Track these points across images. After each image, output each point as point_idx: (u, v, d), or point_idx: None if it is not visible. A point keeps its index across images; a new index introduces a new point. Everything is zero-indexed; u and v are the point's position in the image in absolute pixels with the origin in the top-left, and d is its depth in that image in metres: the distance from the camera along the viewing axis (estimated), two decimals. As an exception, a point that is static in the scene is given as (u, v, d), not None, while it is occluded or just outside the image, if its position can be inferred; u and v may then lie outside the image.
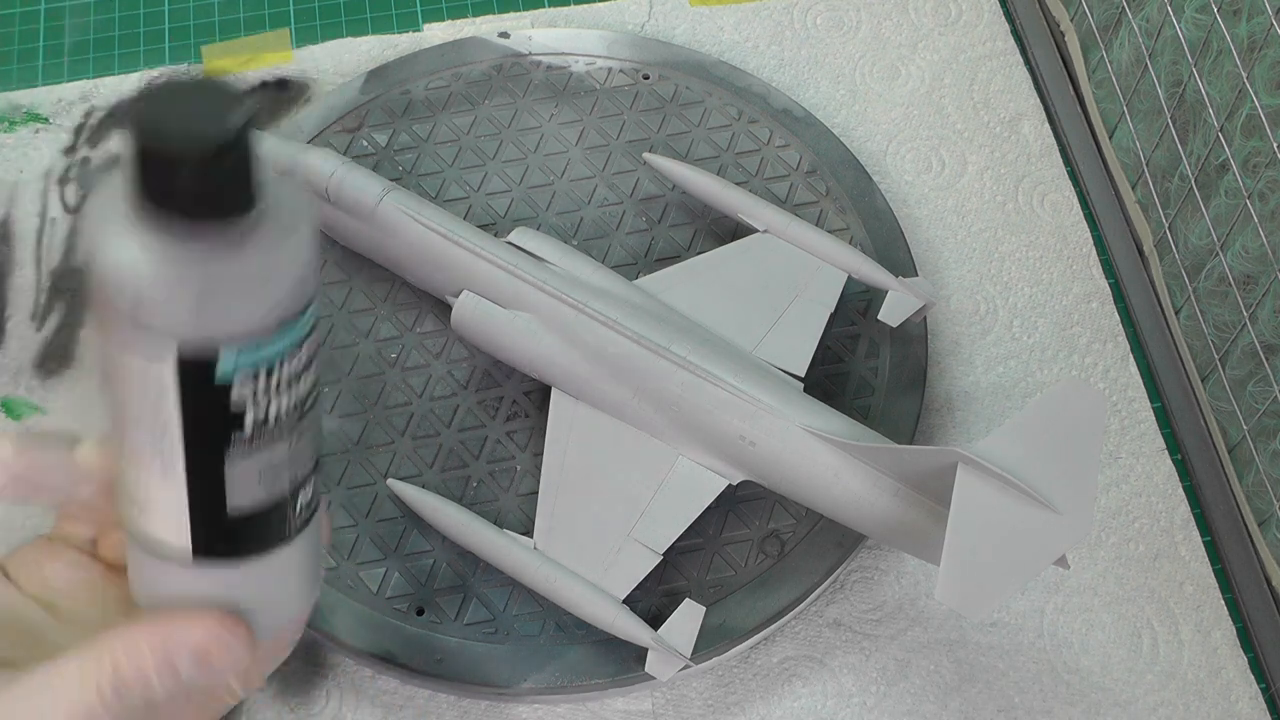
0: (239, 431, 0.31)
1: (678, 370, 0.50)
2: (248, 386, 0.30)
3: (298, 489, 0.33)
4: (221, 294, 0.28)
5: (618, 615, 0.47)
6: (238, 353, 0.29)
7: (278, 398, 0.31)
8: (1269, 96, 0.50)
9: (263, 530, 0.34)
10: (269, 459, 0.32)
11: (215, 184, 0.27)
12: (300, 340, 0.31)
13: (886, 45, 0.68)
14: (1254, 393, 0.54)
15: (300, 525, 0.34)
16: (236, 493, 0.32)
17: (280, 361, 0.31)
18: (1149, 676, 0.52)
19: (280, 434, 0.32)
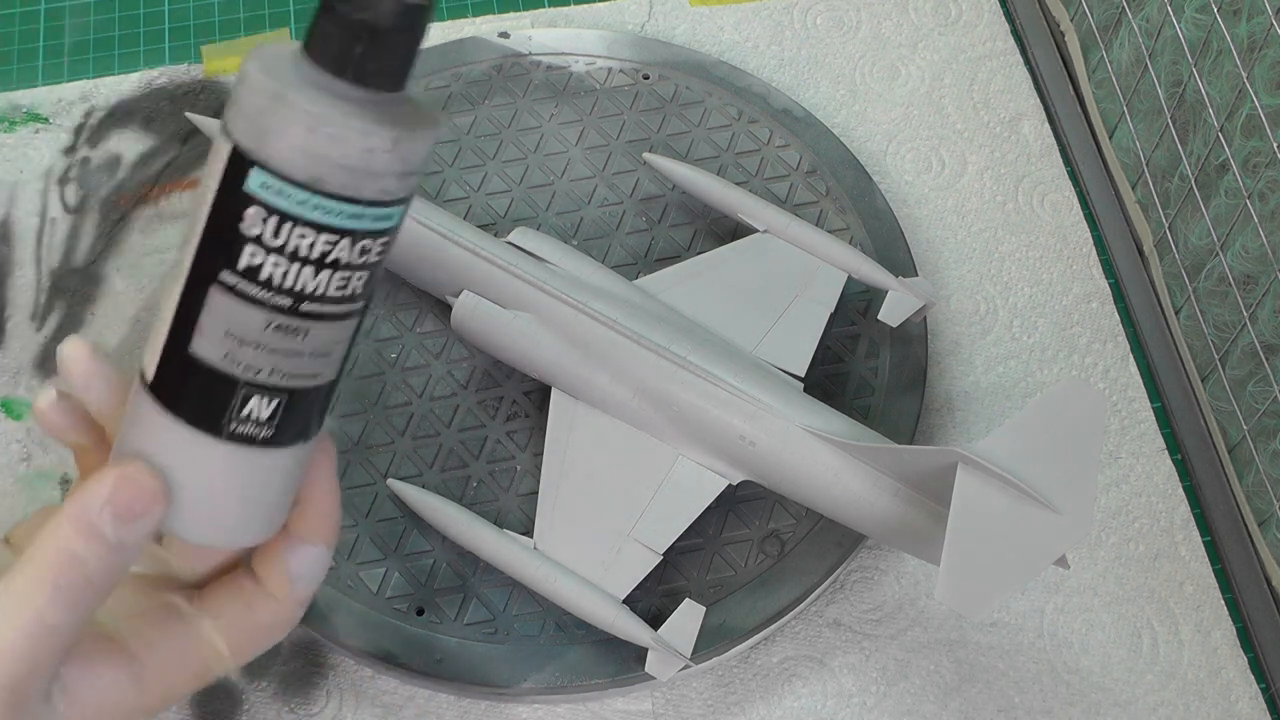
0: (234, 261, 0.32)
1: (678, 370, 0.50)
2: (261, 218, 0.32)
3: (253, 388, 0.34)
4: (282, 117, 0.31)
5: (618, 615, 0.47)
6: (267, 175, 0.32)
7: (279, 260, 0.32)
8: (1269, 96, 0.50)
9: (202, 395, 0.34)
10: (243, 322, 0.33)
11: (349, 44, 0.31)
12: (323, 226, 0.32)
13: (886, 45, 0.68)
14: (1254, 393, 0.54)
15: (234, 432, 0.34)
16: (204, 335, 0.33)
17: (296, 222, 0.32)
18: (1149, 676, 0.52)
19: (264, 302, 0.33)
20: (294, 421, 0.35)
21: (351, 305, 0.34)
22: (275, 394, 0.34)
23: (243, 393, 0.34)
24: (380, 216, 0.33)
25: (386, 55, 0.32)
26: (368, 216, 0.33)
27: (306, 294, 0.33)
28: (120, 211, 0.62)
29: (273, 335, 0.33)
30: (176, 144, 0.64)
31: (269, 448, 0.35)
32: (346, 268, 0.33)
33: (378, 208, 0.33)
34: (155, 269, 0.60)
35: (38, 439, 0.56)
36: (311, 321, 0.34)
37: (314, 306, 0.33)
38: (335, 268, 0.33)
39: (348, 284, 0.34)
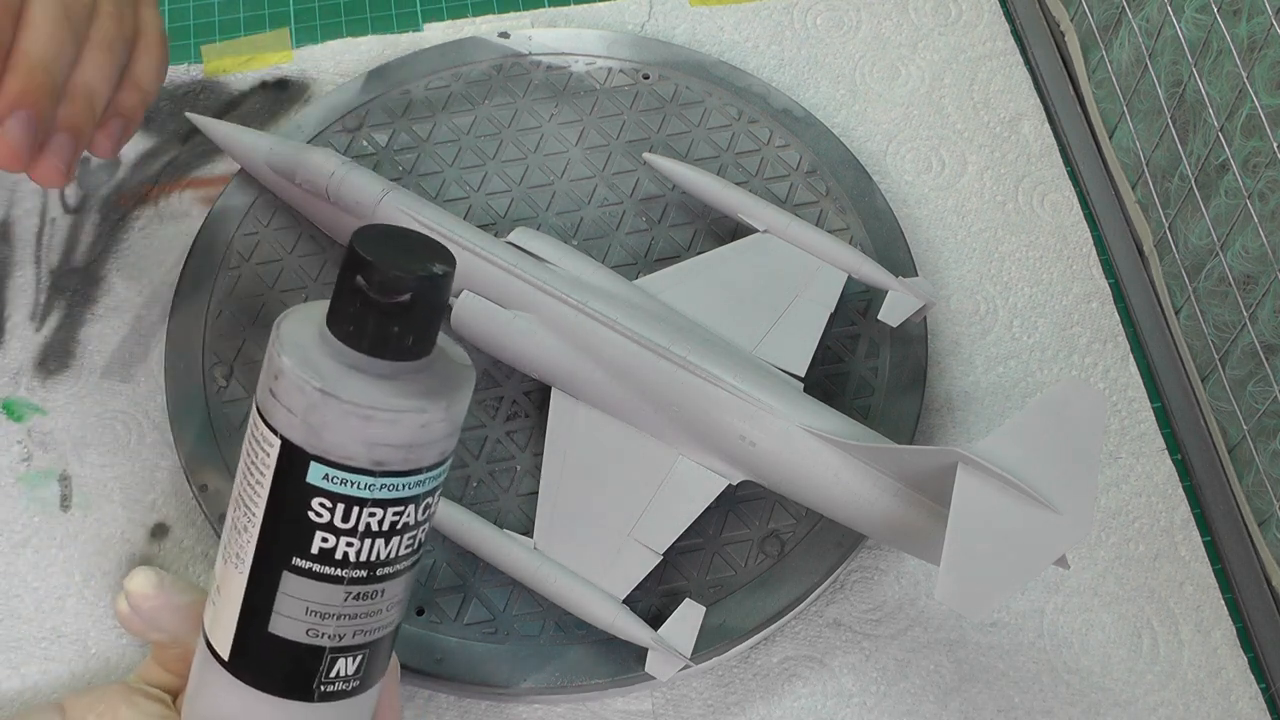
0: (306, 548, 0.33)
1: (678, 370, 0.50)
2: (327, 507, 0.32)
3: (338, 652, 0.34)
4: (333, 412, 0.31)
5: (618, 615, 0.48)
6: (329, 468, 0.32)
7: (352, 540, 0.33)
8: (1269, 96, 0.50)
9: (290, 671, 0.34)
10: (322, 599, 0.33)
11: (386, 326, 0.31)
12: (390, 501, 0.32)
13: (886, 45, 0.68)
14: (1254, 393, 0.54)
15: (326, 692, 0.35)
16: (283, 614, 0.34)
17: (363, 505, 0.32)
18: (1149, 676, 0.52)
19: (342, 579, 0.33)
20: (375, 667, 0.36)
21: (416, 556, 0.35)
22: (359, 651, 0.35)
23: (329, 659, 0.34)
24: (437, 475, 0.34)
25: (419, 327, 0.32)
26: (430, 479, 0.33)
27: (381, 561, 0.33)
28: (120, 211, 0.62)
29: (353, 604, 0.34)
30: (177, 144, 0.64)
31: (354, 697, 0.35)
32: (413, 527, 0.34)
33: (437, 469, 0.34)
34: (155, 269, 0.60)
35: (38, 439, 0.56)
36: (386, 582, 0.34)
37: (388, 569, 0.34)
38: (404, 531, 0.34)
39: (414, 541, 0.34)
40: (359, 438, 0.31)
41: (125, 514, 0.54)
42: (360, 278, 0.31)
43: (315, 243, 0.59)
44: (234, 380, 0.55)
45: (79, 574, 0.53)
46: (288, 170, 0.56)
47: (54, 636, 0.52)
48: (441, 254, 0.33)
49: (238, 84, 0.66)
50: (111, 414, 0.56)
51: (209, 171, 0.63)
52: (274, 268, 0.58)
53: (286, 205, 0.59)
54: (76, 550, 0.54)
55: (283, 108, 0.65)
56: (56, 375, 0.57)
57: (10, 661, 0.51)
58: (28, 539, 0.54)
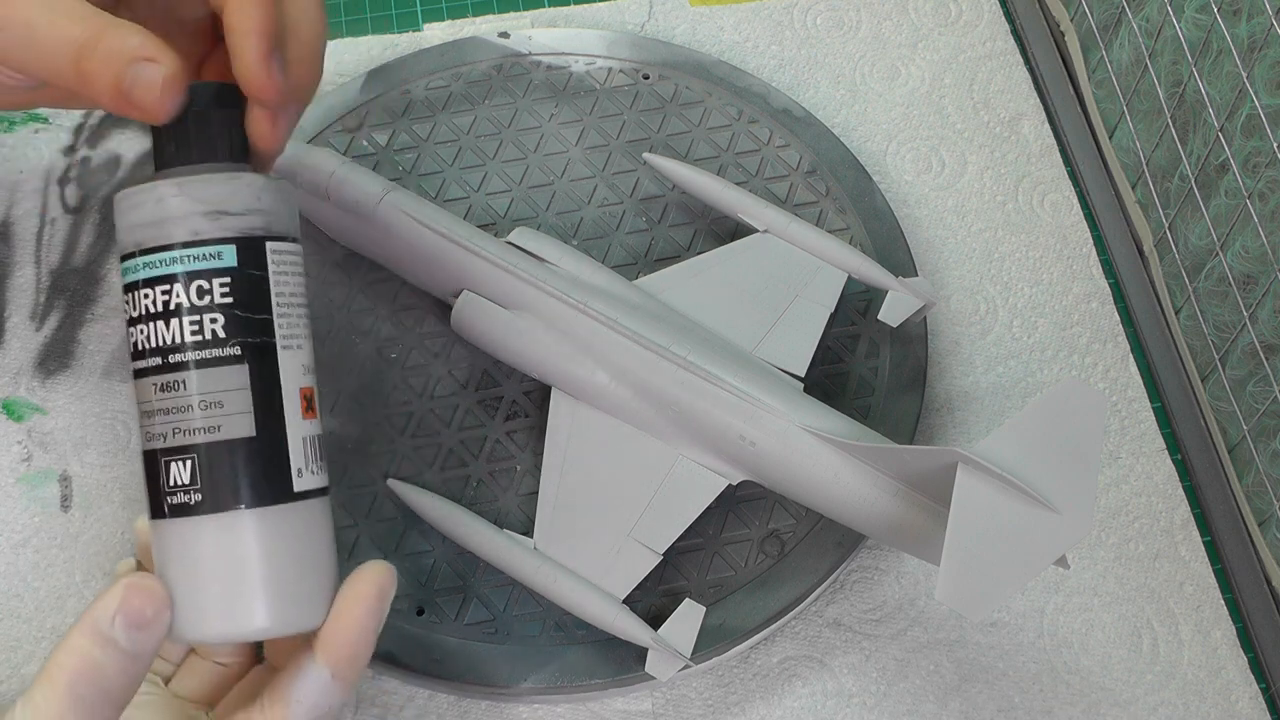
0: (131, 349, 0.37)
1: (678, 370, 0.50)
2: (128, 302, 0.37)
3: (168, 454, 0.36)
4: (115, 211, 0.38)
5: (618, 615, 0.48)
6: (124, 262, 0.37)
7: (143, 325, 0.37)
8: (1269, 96, 0.50)
9: (151, 485, 0.37)
10: (143, 397, 0.37)
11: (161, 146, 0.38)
12: (154, 280, 0.36)
13: (886, 45, 0.68)
14: (1254, 393, 0.54)
15: (173, 505, 0.36)
16: (140, 428, 0.37)
17: (138, 286, 0.37)
18: (1149, 676, 0.52)
19: (145, 370, 0.37)
20: (219, 481, 0.36)
21: (219, 350, 0.36)
22: (185, 453, 0.36)
23: (163, 462, 0.36)
24: (202, 255, 0.36)
25: (197, 136, 0.38)
26: (188, 258, 0.36)
27: (166, 346, 0.36)
28: (120, 211, 0.62)
29: (161, 397, 0.36)
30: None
31: (207, 514, 0.36)
32: (193, 310, 0.36)
33: (196, 247, 0.36)
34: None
35: (38, 439, 0.56)
36: (184, 372, 0.36)
37: (179, 356, 0.36)
38: (180, 313, 0.36)
39: (200, 327, 0.36)
40: (125, 226, 0.37)
41: (125, 514, 0.54)
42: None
43: (315, 243, 0.59)
44: (234, 380, 0.55)
45: (79, 574, 0.53)
46: (288, 170, 0.56)
47: (54, 636, 0.52)
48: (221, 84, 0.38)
49: (238, 84, 0.66)
50: (111, 414, 0.56)
51: (209, 171, 0.63)
52: (274, 268, 0.58)
53: (286, 205, 0.59)
54: (76, 550, 0.54)
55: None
56: (56, 375, 0.57)
57: (10, 661, 0.51)
58: (28, 539, 0.54)
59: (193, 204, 0.36)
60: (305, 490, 0.38)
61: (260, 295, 0.37)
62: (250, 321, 0.37)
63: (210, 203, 0.36)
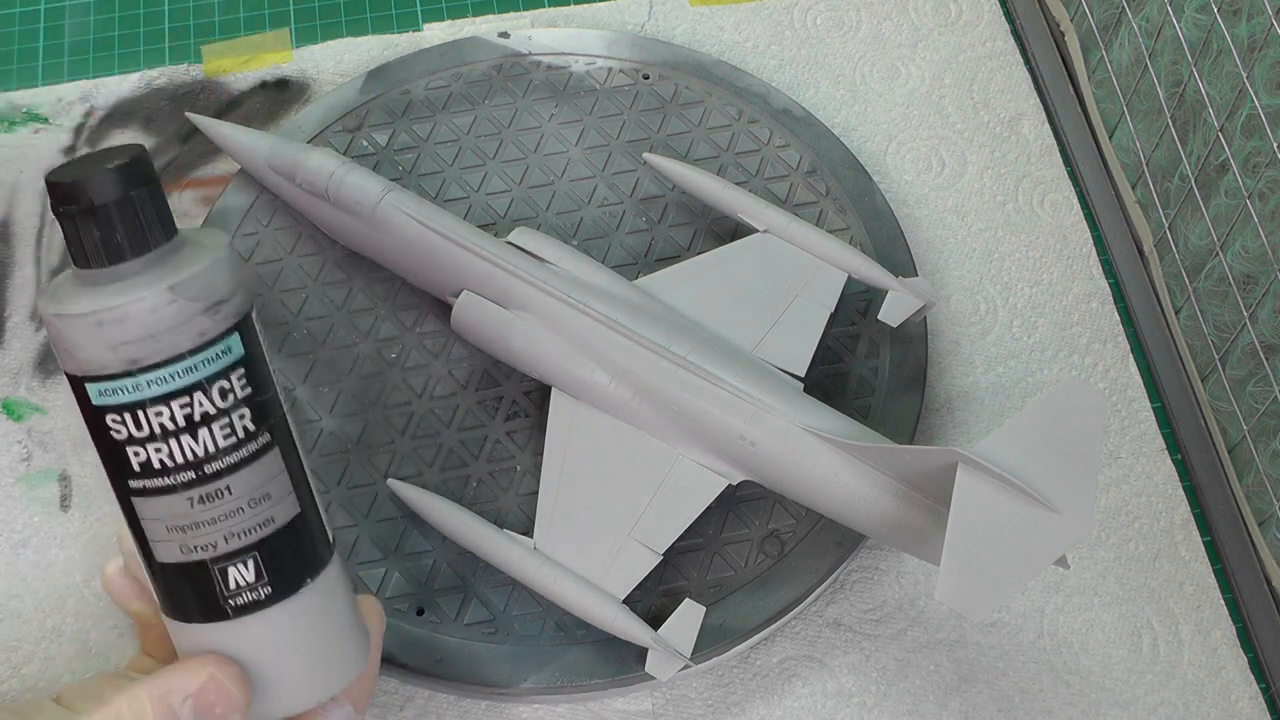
0: (129, 468, 0.34)
1: (678, 370, 0.50)
2: (119, 421, 0.33)
3: (222, 561, 0.35)
4: (72, 330, 0.33)
5: (618, 615, 0.48)
6: (98, 384, 0.33)
7: (158, 444, 0.33)
8: (1269, 96, 0.50)
9: (195, 595, 0.35)
10: (172, 512, 0.34)
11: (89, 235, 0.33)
12: (168, 395, 0.33)
13: (886, 45, 0.68)
14: (1254, 393, 0.54)
15: (239, 605, 0.35)
16: (156, 541, 0.35)
17: (143, 406, 0.33)
18: (1149, 676, 0.52)
19: (173, 486, 0.34)
20: (284, 567, 0.36)
21: (254, 444, 0.35)
22: (245, 555, 0.35)
23: (218, 570, 0.35)
24: (215, 356, 0.34)
25: (117, 225, 0.33)
26: (202, 362, 0.34)
27: (201, 458, 0.34)
28: (120, 211, 0.62)
29: (202, 509, 0.34)
30: (177, 144, 0.64)
31: (279, 602, 0.35)
32: (220, 414, 0.34)
33: (205, 350, 0.34)
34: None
35: (38, 439, 0.56)
36: (225, 478, 0.34)
37: (216, 465, 0.34)
38: (207, 421, 0.34)
39: (232, 428, 0.34)
40: (102, 345, 0.33)
41: (125, 514, 0.54)
42: (52, 199, 0.33)
43: (315, 243, 0.59)
44: (234, 380, 0.55)
45: (79, 574, 0.53)
46: (288, 170, 0.56)
47: (54, 636, 0.52)
48: (122, 153, 0.34)
49: (238, 84, 0.66)
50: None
51: (209, 171, 0.63)
52: (274, 268, 0.58)
53: (286, 205, 0.59)
54: (76, 550, 0.54)
55: (283, 108, 0.65)
56: (56, 375, 0.57)
57: (10, 661, 0.51)
58: (28, 539, 0.54)
59: (191, 305, 0.33)
60: (334, 539, 0.38)
61: (265, 372, 0.35)
62: (267, 403, 0.35)
63: (207, 297, 0.34)
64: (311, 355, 0.56)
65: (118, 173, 0.33)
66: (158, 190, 0.34)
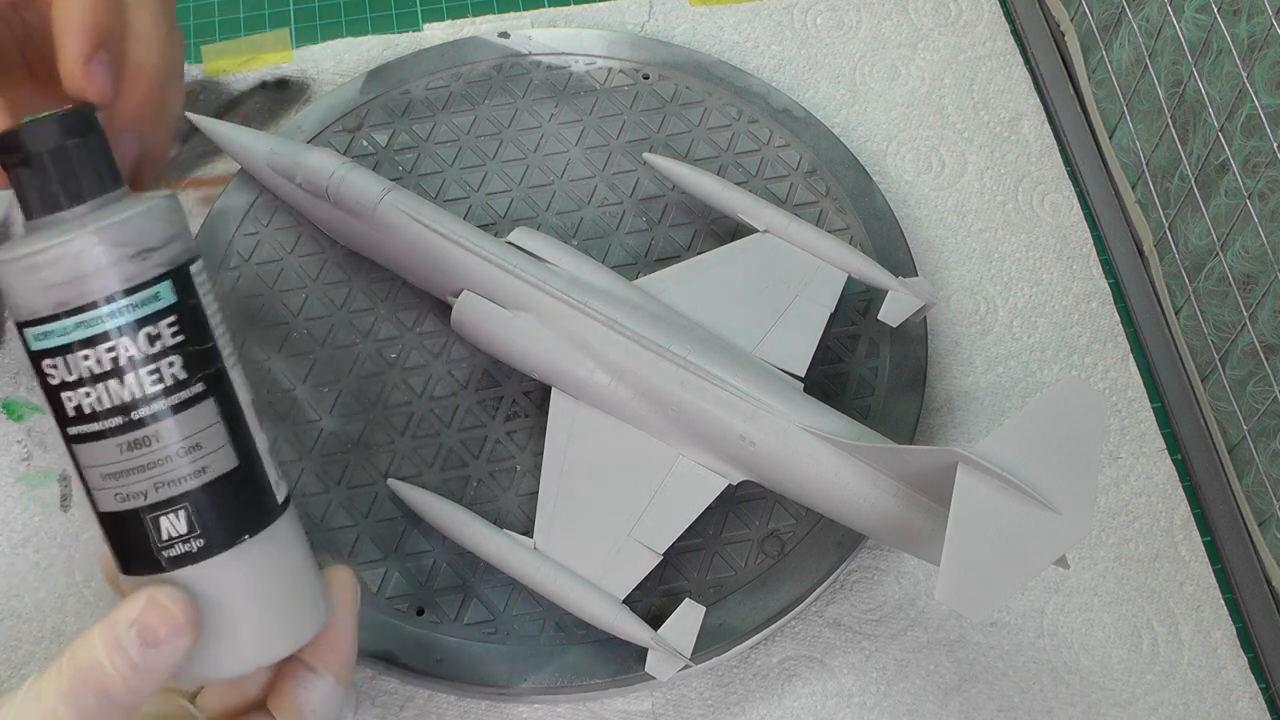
0: (65, 414, 0.34)
1: (678, 370, 0.50)
2: (54, 366, 0.34)
3: (154, 510, 0.35)
4: (9, 274, 0.34)
5: (618, 615, 0.48)
6: (33, 328, 0.34)
7: (87, 389, 0.34)
8: (1269, 96, 0.50)
9: (133, 547, 0.35)
10: (104, 459, 0.34)
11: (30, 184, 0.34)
12: (93, 339, 0.33)
13: (886, 45, 0.68)
14: (1254, 393, 0.54)
15: (172, 557, 0.35)
16: (95, 490, 0.35)
17: (72, 348, 0.34)
18: (1149, 676, 0.52)
19: (103, 431, 0.34)
20: (219, 521, 0.35)
21: (184, 392, 0.35)
22: (175, 505, 0.35)
23: (150, 520, 0.35)
24: (142, 301, 0.34)
25: (58, 173, 0.34)
26: (128, 307, 0.34)
27: (127, 403, 0.34)
28: (120, 211, 0.62)
29: (133, 455, 0.34)
30: (177, 144, 0.64)
31: (214, 556, 0.35)
32: (147, 360, 0.34)
33: (136, 293, 0.34)
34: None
35: (38, 439, 0.56)
36: (154, 425, 0.34)
37: (144, 410, 0.34)
38: (134, 367, 0.34)
39: (161, 375, 0.34)
40: (35, 287, 0.33)
41: (125, 514, 0.54)
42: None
43: (315, 243, 0.59)
44: (234, 380, 0.55)
45: (79, 574, 0.53)
46: (288, 170, 0.56)
47: (54, 636, 0.52)
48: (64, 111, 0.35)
49: (238, 84, 0.66)
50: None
51: (209, 171, 0.63)
52: (274, 268, 0.58)
53: (286, 205, 0.59)
54: (76, 550, 0.54)
55: (283, 108, 0.65)
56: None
57: (10, 661, 0.51)
58: (28, 539, 0.54)
59: (118, 249, 0.33)
60: (284, 500, 0.37)
61: (201, 323, 0.35)
62: (203, 353, 0.35)
63: (136, 243, 0.34)
64: (311, 355, 0.56)
65: (53, 122, 0.34)
66: (97, 142, 0.35)
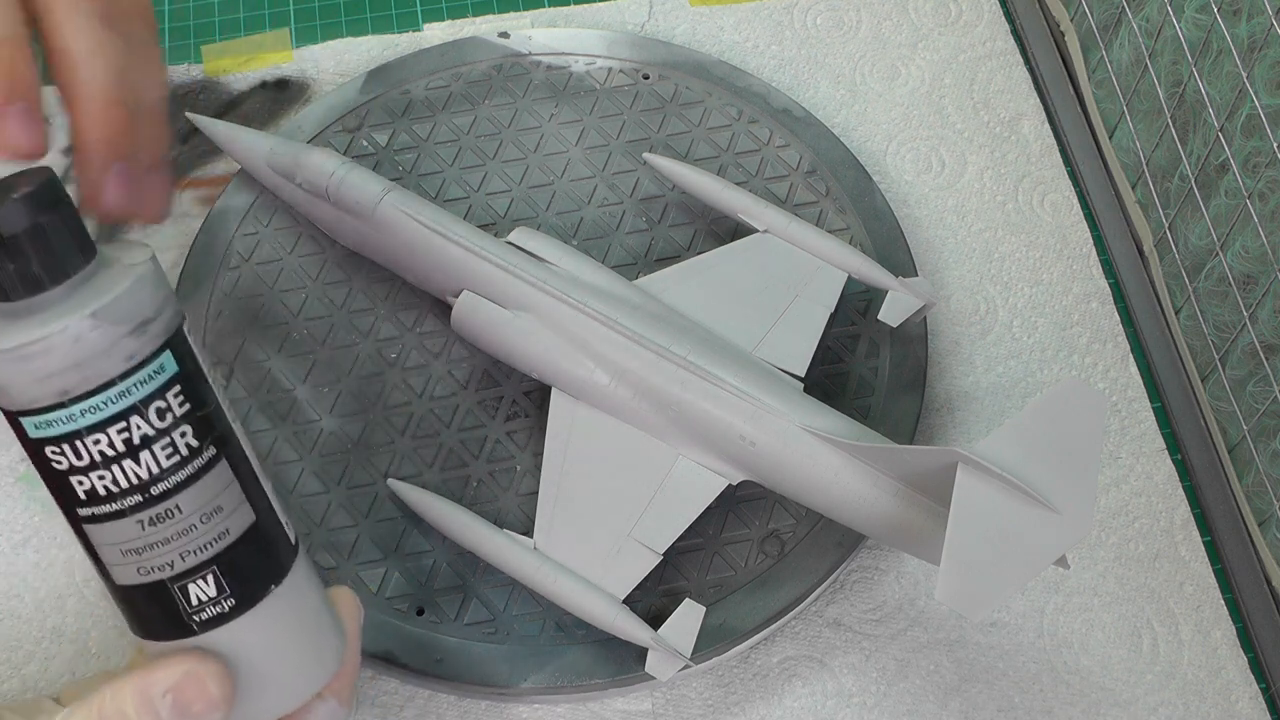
0: (75, 497, 0.33)
1: (678, 370, 0.50)
2: (58, 452, 0.33)
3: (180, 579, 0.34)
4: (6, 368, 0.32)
5: (618, 615, 0.48)
6: (32, 418, 0.32)
7: (101, 471, 0.33)
8: (1269, 96, 0.50)
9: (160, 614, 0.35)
10: (124, 536, 0.34)
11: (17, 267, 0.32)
12: (104, 422, 0.32)
13: (886, 45, 0.68)
14: (1254, 393, 0.54)
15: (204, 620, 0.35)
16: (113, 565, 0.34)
17: (80, 435, 0.32)
18: (1149, 676, 0.52)
19: (121, 511, 0.33)
20: (246, 578, 0.35)
21: (199, 460, 0.34)
22: (203, 571, 0.34)
23: (177, 589, 0.34)
24: (148, 377, 0.33)
25: (36, 253, 0.32)
26: (134, 385, 0.33)
27: (145, 481, 0.33)
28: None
29: (154, 530, 0.34)
30: (177, 144, 0.64)
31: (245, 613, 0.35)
32: (159, 435, 0.33)
33: (137, 372, 0.33)
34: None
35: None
36: (173, 498, 0.34)
37: (163, 485, 0.33)
38: (148, 444, 0.33)
39: (175, 447, 0.33)
40: (30, 378, 0.32)
41: (125, 514, 0.54)
42: None
43: (315, 243, 0.59)
44: (234, 380, 0.55)
45: (79, 574, 0.53)
46: (288, 170, 0.56)
47: (54, 636, 0.52)
48: (28, 179, 0.32)
49: (238, 84, 0.66)
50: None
51: (209, 171, 0.63)
52: (274, 268, 0.58)
53: (286, 205, 0.59)
54: (77, 550, 0.53)
55: (283, 108, 0.65)
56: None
57: (10, 661, 0.51)
58: (28, 539, 0.54)
59: (116, 328, 0.32)
60: (295, 540, 0.37)
61: (201, 384, 0.34)
62: (209, 418, 0.34)
63: (132, 318, 0.32)
64: (311, 355, 0.56)
65: (24, 202, 0.31)
66: (70, 213, 0.33)
